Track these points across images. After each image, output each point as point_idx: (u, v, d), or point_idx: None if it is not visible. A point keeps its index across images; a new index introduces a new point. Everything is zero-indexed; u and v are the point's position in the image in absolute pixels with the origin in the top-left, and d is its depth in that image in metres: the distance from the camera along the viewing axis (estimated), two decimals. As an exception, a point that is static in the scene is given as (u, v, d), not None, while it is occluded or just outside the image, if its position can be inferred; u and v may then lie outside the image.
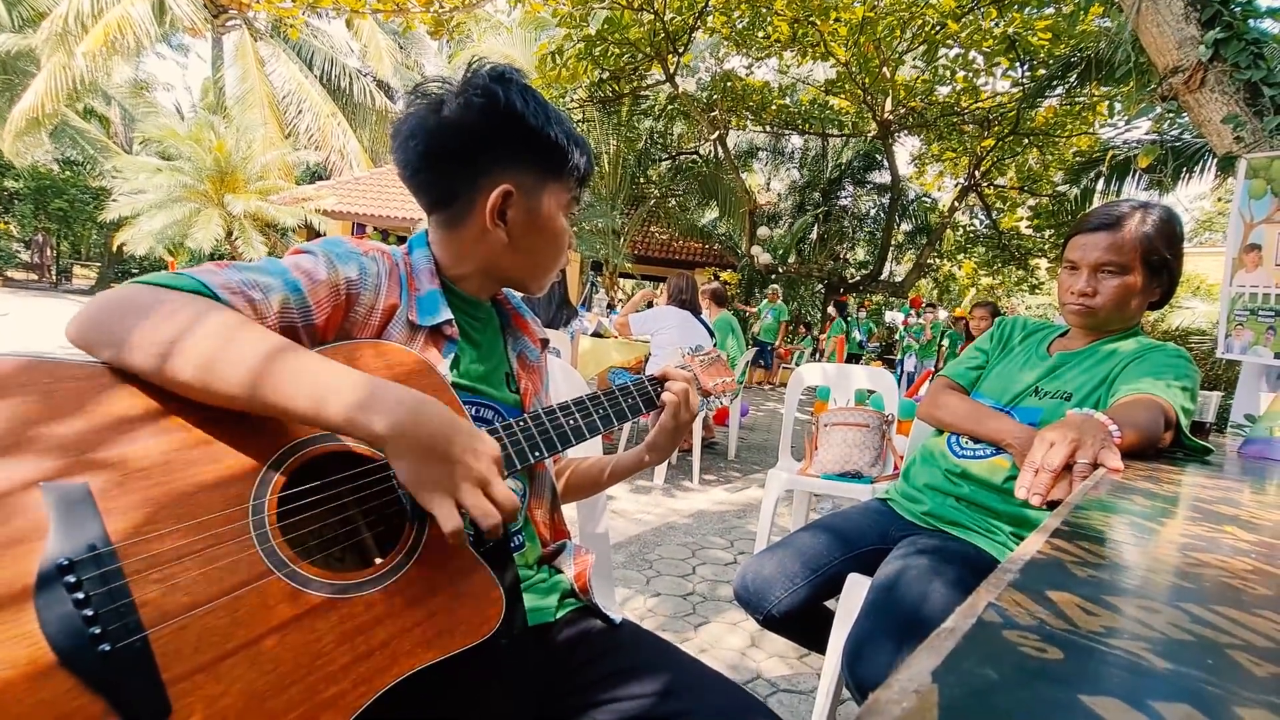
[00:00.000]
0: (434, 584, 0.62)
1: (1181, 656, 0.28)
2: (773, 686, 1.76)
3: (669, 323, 4.03)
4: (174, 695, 0.47)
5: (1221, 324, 2.44)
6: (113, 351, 0.55)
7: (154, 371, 0.55)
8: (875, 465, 2.27)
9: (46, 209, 15.87)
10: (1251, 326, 2.33)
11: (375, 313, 0.74)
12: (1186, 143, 6.37)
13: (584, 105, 9.02)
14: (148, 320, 0.56)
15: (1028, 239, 11.74)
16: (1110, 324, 1.24)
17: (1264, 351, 2.30)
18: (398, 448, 0.57)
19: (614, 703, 0.75)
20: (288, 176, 13.69)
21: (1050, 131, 9.03)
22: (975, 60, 7.82)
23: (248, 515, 0.55)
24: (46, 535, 0.46)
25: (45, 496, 0.47)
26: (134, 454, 0.52)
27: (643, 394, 0.91)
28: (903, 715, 0.21)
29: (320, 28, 17.24)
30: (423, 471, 0.57)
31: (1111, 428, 0.88)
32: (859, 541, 1.31)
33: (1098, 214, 1.24)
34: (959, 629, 0.28)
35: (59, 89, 11.54)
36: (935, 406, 1.36)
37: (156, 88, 24.13)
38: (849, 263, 14.08)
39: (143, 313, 0.56)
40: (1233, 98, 2.51)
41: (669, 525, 3.08)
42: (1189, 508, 0.62)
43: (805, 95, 10.63)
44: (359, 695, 0.54)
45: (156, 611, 0.48)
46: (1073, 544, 0.43)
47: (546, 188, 0.80)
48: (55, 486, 0.48)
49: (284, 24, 9.41)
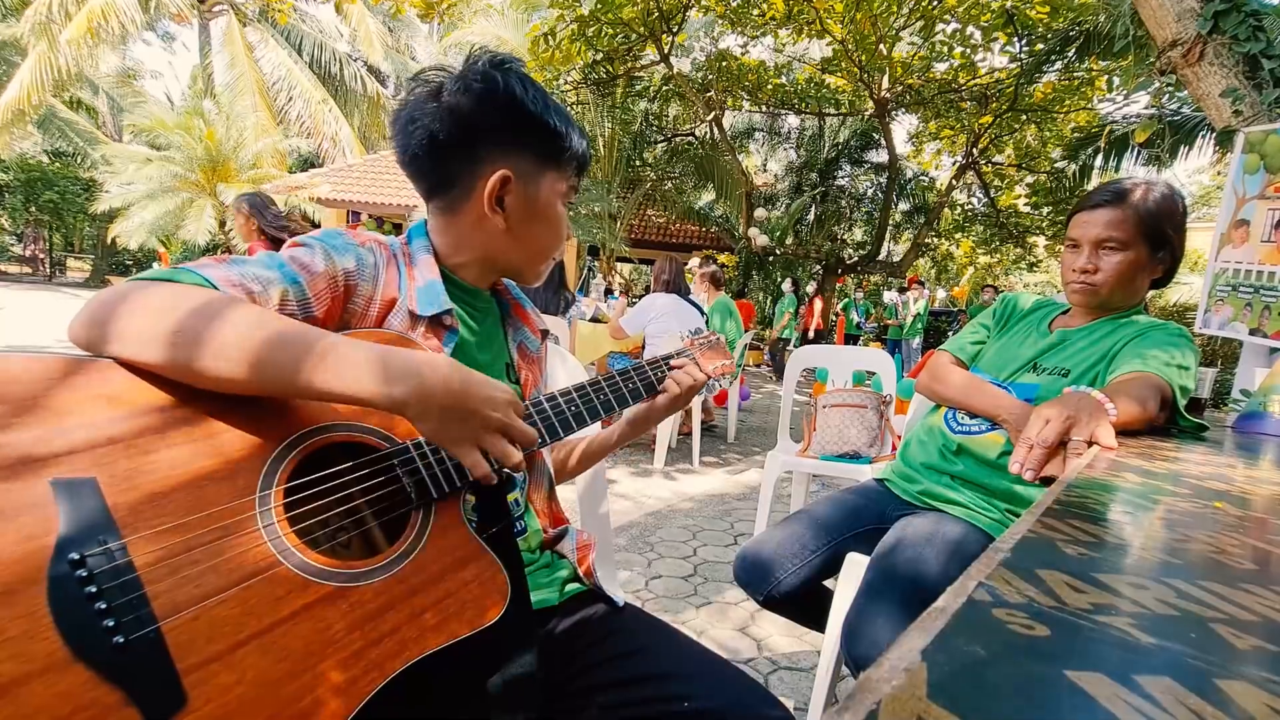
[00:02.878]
0: (440, 570, 0.63)
1: (1166, 631, 0.29)
2: (773, 665, 1.79)
3: (661, 310, 4.02)
4: (189, 685, 0.48)
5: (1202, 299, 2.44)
6: (119, 346, 0.56)
7: (165, 363, 0.55)
8: (873, 445, 2.28)
9: (37, 201, 15.71)
10: (1231, 302, 2.33)
11: (374, 303, 0.75)
12: (1185, 117, 6.33)
13: (578, 88, 8.92)
14: (155, 313, 0.56)
15: (1026, 217, 11.70)
16: (1113, 302, 1.24)
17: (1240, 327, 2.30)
18: (419, 410, 0.60)
19: (616, 685, 0.76)
20: (281, 165, 13.55)
21: (1048, 107, 8.95)
22: (973, 36, 7.74)
23: (255, 506, 0.55)
24: (56, 530, 0.46)
25: (54, 492, 0.47)
26: (141, 448, 0.52)
27: (644, 379, 0.91)
28: (892, 693, 0.22)
29: (308, 12, 16.99)
30: (447, 428, 0.61)
31: (1107, 405, 0.88)
32: (857, 521, 1.32)
33: (1100, 191, 1.23)
34: (949, 608, 0.28)
35: (44, 79, 11.36)
36: (934, 380, 1.36)
37: (144, 76, 23.84)
38: (846, 243, 14.02)
39: (151, 307, 0.57)
40: (1232, 71, 2.49)
41: (670, 508, 3.11)
42: (1180, 484, 0.62)
43: (801, 74, 10.52)
44: (370, 680, 0.55)
45: (168, 603, 0.49)
46: (1064, 522, 0.44)
47: (545, 175, 0.80)
48: (64, 482, 0.48)
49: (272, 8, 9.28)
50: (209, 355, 0.55)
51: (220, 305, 0.58)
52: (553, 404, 0.79)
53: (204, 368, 0.55)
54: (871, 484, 1.43)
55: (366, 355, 0.59)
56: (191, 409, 0.56)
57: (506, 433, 0.65)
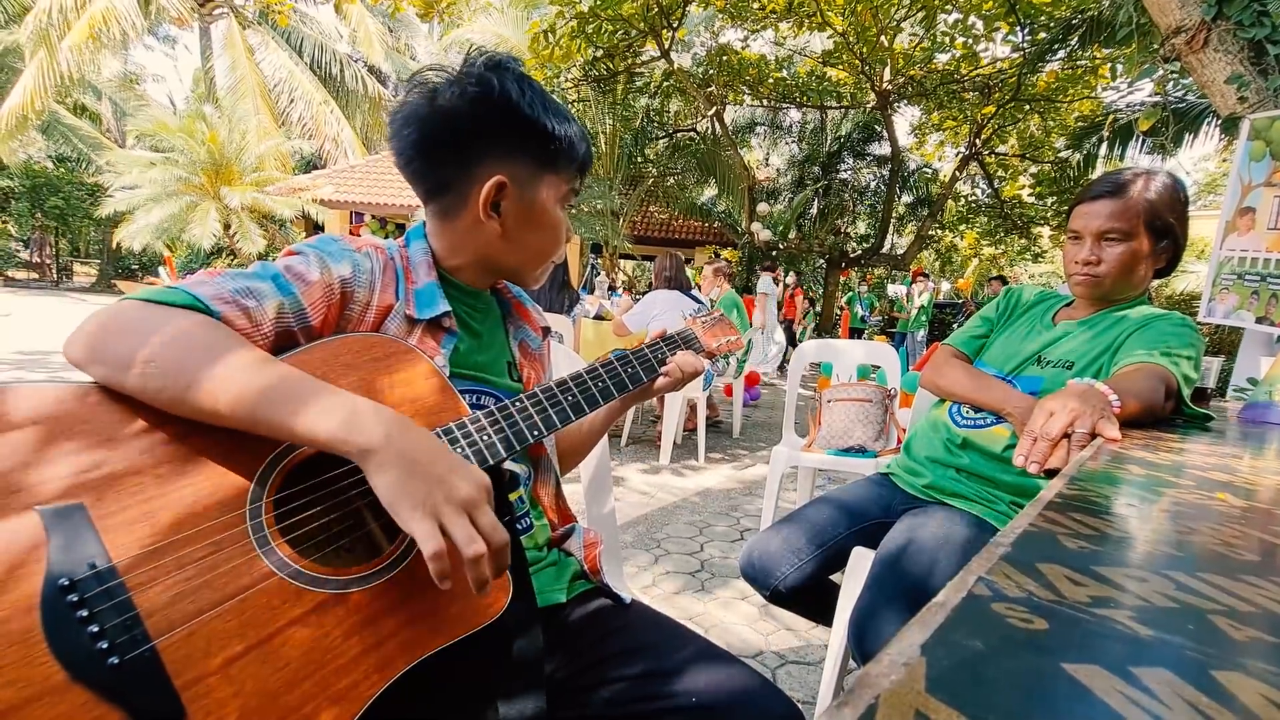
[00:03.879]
0: None
1: (1164, 624, 0.29)
2: (781, 659, 1.79)
3: (663, 307, 4.04)
4: (187, 700, 0.48)
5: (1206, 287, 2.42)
6: (105, 370, 0.56)
7: (141, 390, 0.55)
8: (878, 440, 2.28)
9: (43, 207, 15.81)
10: (1237, 290, 2.31)
11: (371, 309, 0.75)
12: (1190, 104, 6.27)
13: (578, 85, 8.91)
14: (136, 340, 0.56)
15: (1030, 207, 11.64)
16: (1116, 293, 1.24)
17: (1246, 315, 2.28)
18: (380, 460, 0.56)
19: (623, 681, 0.76)
20: (284, 167, 13.59)
21: (1052, 97, 8.90)
22: (975, 25, 7.69)
23: (245, 520, 0.56)
24: (46, 557, 0.47)
25: (42, 519, 0.48)
26: (128, 470, 0.53)
27: (643, 361, 0.89)
28: (891, 688, 0.22)
29: (309, 14, 16.99)
30: (405, 485, 0.55)
31: (1111, 397, 0.88)
32: (862, 516, 1.33)
33: (1100, 182, 1.23)
34: (949, 603, 0.29)
35: (46, 85, 11.41)
36: (937, 374, 1.36)
37: (147, 80, 23.89)
38: (850, 236, 13.97)
39: (132, 333, 0.57)
40: (1237, 57, 2.47)
41: (676, 504, 3.12)
42: (1184, 475, 0.62)
43: (802, 67, 10.48)
44: (371, 685, 0.55)
45: (163, 621, 0.49)
46: (1065, 515, 0.44)
47: (542, 179, 0.79)
48: (51, 509, 0.49)
49: (272, 10, 9.28)
50: (176, 387, 0.55)
51: (195, 337, 0.58)
52: (548, 394, 0.77)
53: (171, 399, 0.55)
54: (877, 478, 1.44)
55: (333, 400, 0.58)
56: (177, 428, 0.56)
57: (473, 514, 0.56)
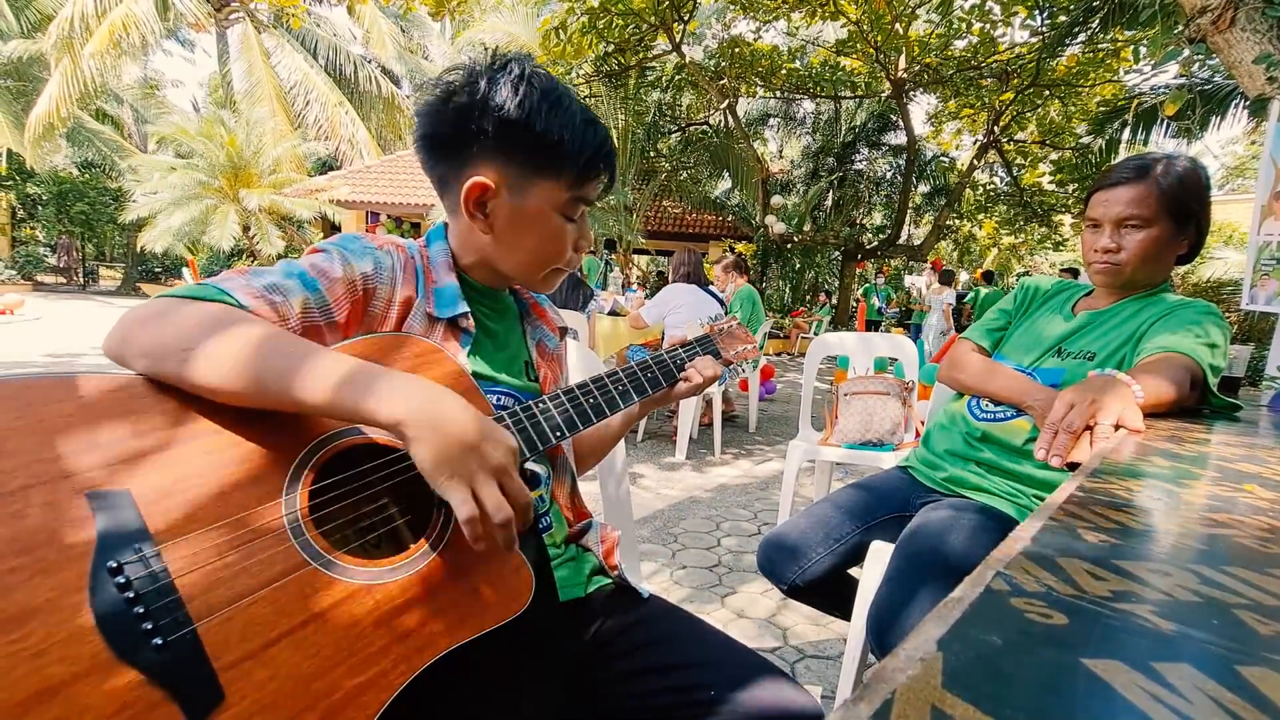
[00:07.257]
0: (465, 565, 0.64)
1: (1187, 618, 0.29)
2: (799, 653, 1.79)
3: (680, 300, 4.03)
4: (225, 681, 0.50)
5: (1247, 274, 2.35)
6: (146, 362, 0.58)
7: (182, 378, 0.57)
8: (896, 433, 2.27)
9: (69, 213, 16.17)
10: (1277, 276, 2.25)
11: (393, 305, 0.76)
12: (1216, 86, 6.11)
13: (590, 80, 8.90)
14: (173, 331, 0.58)
15: (1050, 195, 11.44)
16: (1137, 280, 1.21)
17: None
18: (416, 430, 0.58)
19: (642, 675, 0.77)
20: (300, 169, 13.75)
21: (1072, 82, 8.71)
22: (992, 10, 7.54)
23: (282, 509, 0.58)
24: (95, 541, 0.49)
25: (91, 504, 0.50)
26: (171, 459, 0.55)
27: (663, 369, 0.91)
28: (908, 683, 0.22)
29: (322, 15, 17.14)
30: (441, 454, 0.58)
31: (1134, 388, 0.87)
32: (880, 509, 1.32)
33: (1118, 169, 1.20)
34: (966, 598, 0.28)
35: (70, 92, 11.65)
36: (955, 368, 1.35)
37: (166, 85, 24.28)
38: (865, 228, 13.84)
39: (169, 325, 0.59)
40: (1265, 36, 2.40)
41: (693, 499, 3.12)
42: (1209, 467, 0.61)
43: (815, 57, 10.36)
44: (399, 674, 0.57)
45: (203, 605, 0.51)
46: (1086, 509, 0.44)
47: (535, 184, 0.77)
48: (99, 494, 0.51)
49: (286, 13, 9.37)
50: (215, 372, 0.57)
51: (227, 322, 0.60)
52: (570, 397, 0.78)
53: (211, 383, 0.57)
54: (895, 472, 1.42)
55: (368, 374, 0.60)
56: (217, 418, 0.58)
57: (502, 481, 0.60)
